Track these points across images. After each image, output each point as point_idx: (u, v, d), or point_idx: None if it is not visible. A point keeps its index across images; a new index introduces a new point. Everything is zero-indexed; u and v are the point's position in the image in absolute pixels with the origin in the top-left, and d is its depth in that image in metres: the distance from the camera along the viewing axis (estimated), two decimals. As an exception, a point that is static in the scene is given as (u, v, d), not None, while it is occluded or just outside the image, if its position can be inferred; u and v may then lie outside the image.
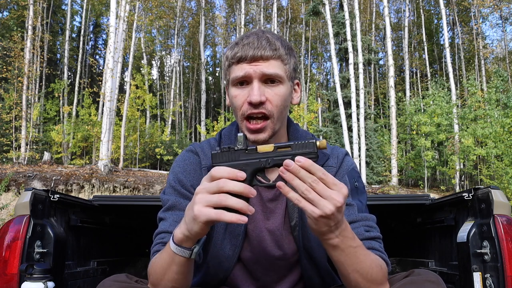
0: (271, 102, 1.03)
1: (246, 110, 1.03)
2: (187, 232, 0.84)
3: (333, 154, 1.19)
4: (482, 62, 23.25)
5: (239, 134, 0.86)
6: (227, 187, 0.78)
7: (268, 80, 1.03)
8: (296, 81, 1.13)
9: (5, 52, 17.80)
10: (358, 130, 15.81)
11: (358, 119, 15.95)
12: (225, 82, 1.13)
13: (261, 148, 0.85)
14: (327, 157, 1.17)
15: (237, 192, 0.78)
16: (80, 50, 23.44)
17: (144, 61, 23.53)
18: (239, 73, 1.02)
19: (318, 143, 0.83)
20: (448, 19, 24.59)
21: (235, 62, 1.03)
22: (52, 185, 10.87)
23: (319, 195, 0.79)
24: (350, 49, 16.42)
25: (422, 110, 18.14)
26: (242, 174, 0.80)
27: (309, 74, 27.49)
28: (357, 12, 16.94)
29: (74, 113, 20.48)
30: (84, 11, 24.00)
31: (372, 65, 24.37)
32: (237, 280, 1.18)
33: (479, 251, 1.39)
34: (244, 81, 1.04)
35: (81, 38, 23.52)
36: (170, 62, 27.47)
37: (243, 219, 0.78)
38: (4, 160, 16.34)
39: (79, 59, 23.48)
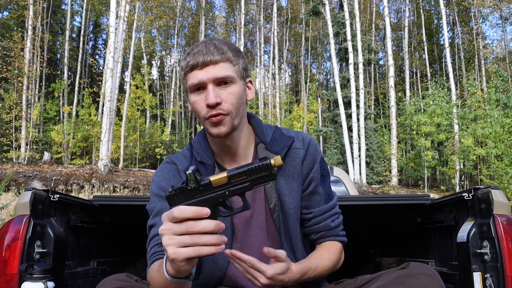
0: (226, 102, 1.10)
1: (206, 113, 1.11)
2: (177, 270, 0.83)
3: (298, 137, 1.25)
4: (482, 62, 23.26)
5: (188, 172, 0.81)
6: (198, 229, 0.77)
7: (221, 82, 1.11)
8: (249, 79, 1.21)
9: (5, 52, 17.80)
10: (358, 130, 15.81)
11: (358, 119, 15.96)
12: (184, 90, 1.23)
13: (215, 181, 0.81)
14: (291, 140, 1.23)
15: (209, 232, 0.77)
16: (80, 50, 23.45)
17: (144, 61, 23.55)
18: (194, 80, 1.10)
19: (272, 161, 0.81)
20: (448, 19, 24.60)
21: (189, 71, 1.11)
22: (52, 185, 10.88)
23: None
24: (350, 49, 16.42)
25: (422, 110, 18.14)
26: (207, 211, 0.78)
27: (309, 74, 27.50)
28: (357, 12, 16.94)
29: (74, 113, 20.48)
30: (84, 11, 24.00)
31: (372, 65, 24.38)
32: (235, 277, 1.20)
33: (479, 251, 1.39)
34: (200, 87, 1.11)
35: (81, 38, 23.52)
36: (170, 62, 27.50)
37: (222, 247, 0.78)
38: (4, 160, 16.34)
39: (79, 59, 23.48)
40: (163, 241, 0.79)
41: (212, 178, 0.81)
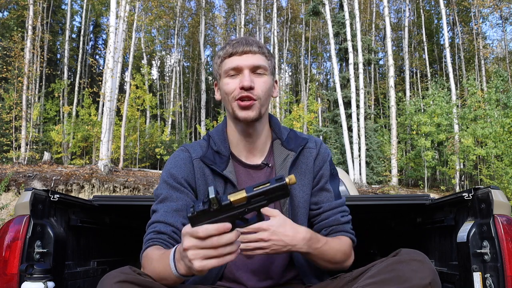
0: (258, 88, 1.20)
1: (238, 93, 1.19)
2: (192, 274, 0.91)
3: (310, 139, 1.36)
4: (482, 62, 23.24)
5: (211, 197, 0.84)
6: (222, 242, 0.83)
7: (256, 70, 1.21)
8: (275, 79, 1.32)
9: (5, 52, 17.79)
10: (358, 130, 15.81)
11: (358, 119, 15.95)
12: (215, 79, 1.31)
13: (235, 201, 0.85)
14: (306, 140, 1.33)
15: (231, 242, 0.84)
16: (80, 50, 23.43)
17: (144, 61, 23.53)
18: (231, 64, 1.20)
19: (287, 179, 0.87)
20: (448, 19, 24.58)
21: (227, 57, 1.22)
22: (52, 185, 10.87)
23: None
24: (350, 49, 16.41)
25: (422, 110, 18.14)
26: (229, 226, 0.83)
27: (309, 74, 27.49)
28: (357, 12, 16.93)
29: (74, 113, 20.46)
30: (84, 11, 23.99)
31: (372, 65, 24.36)
32: (234, 273, 1.22)
33: (479, 251, 1.39)
34: (235, 73, 1.21)
35: (81, 38, 23.50)
36: (170, 62, 27.49)
37: (238, 252, 0.86)
38: (4, 160, 16.34)
39: (79, 59, 23.47)
40: (189, 256, 0.84)
41: (232, 198, 0.86)
